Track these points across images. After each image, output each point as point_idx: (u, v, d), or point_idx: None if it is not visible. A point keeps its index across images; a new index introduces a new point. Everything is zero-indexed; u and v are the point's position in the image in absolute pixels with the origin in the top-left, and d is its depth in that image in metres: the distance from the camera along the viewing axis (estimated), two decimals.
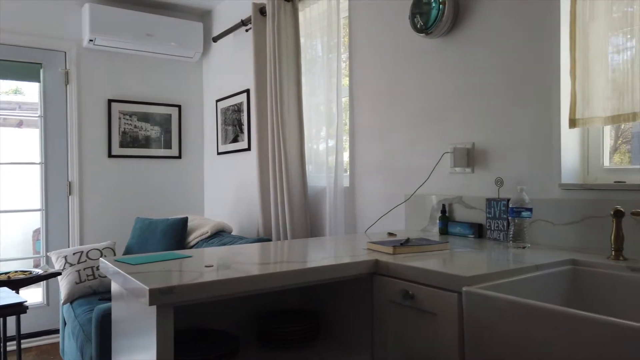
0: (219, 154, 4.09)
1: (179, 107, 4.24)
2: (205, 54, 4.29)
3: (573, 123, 1.68)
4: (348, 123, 2.75)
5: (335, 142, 2.73)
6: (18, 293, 2.74)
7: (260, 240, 2.84)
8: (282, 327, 1.61)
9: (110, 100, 3.91)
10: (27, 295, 3.67)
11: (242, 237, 3.02)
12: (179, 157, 4.25)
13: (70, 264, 3.01)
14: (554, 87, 1.77)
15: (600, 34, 1.62)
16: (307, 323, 1.64)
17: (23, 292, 3.62)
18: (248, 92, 3.66)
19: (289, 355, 1.58)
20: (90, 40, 3.66)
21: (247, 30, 3.61)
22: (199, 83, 4.37)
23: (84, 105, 3.82)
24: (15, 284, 2.74)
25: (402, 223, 2.39)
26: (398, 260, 1.45)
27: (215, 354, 1.43)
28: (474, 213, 2.03)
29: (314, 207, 2.97)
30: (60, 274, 2.98)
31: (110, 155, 3.92)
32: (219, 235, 3.19)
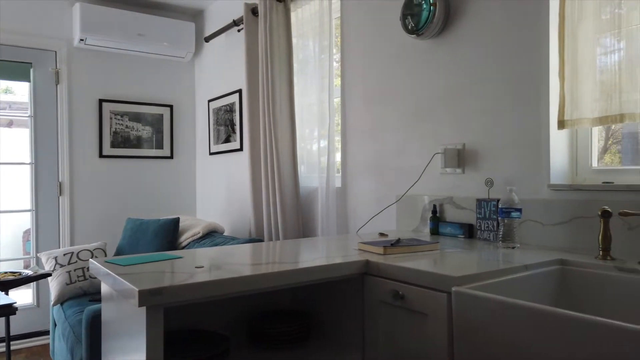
0: (211, 154, 4.08)
1: (171, 107, 4.23)
2: (197, 54, 4.28)
3: (562, 124, 1.70)
4: (340, 123, 2.75)
5: (328, 142, 2.73)
6: (8, 294, 2.72)
7: (252, 241, 2.83)
8: (273, 327, 1.62)
9: (102, 100, 3.89)
10: (17, 297, 3.64)
11: (234, 237, 3.02)
12: (171, 157, 4.24)
13: (61, 265, 2.99)
14: (543, 88, 1.78)
15: (589, 36, 1.64)
16: (298, 323, 1.65)
17: (13, 293, 3.60)
18: (240, 92, 3.66)
19: (281, 356, 1.58)
20: (81, 40, 3.64)
21: (239, 31, 3.61)
22: (191, 83, 4.36)
23: (75, 105, 3.80)
24: (5, 285, 2.73)
25: (393, 223, 2.39)
26: (388, 261, 1.46)
27: (206, 355, 1.42)
28: (465, 213, 2.04)
29: (306, 207, 2.97)
30: (51, 275, 2.96)
31: (102, 156, 3.90)
32: (211, 236, 3.18)
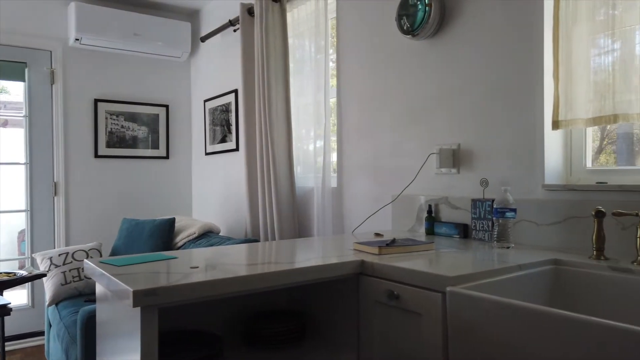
0: (207, 155, 4.07)
1: (167, 107, 4.22)
2: (193, 54, 4.27)
3: (556, 125, 1.71)
4: (336, 124, 2.75)
5: (324, 142, 2.73)
6: (2, 295, 2.71)
7: (248, 241, 2.83)
8: (268, 327, 1.62)
9: (97, 100, 3.88)
10: (11, 297, 3.63)
11: (229, 237, 3.02)
12: (167, 157, 4.23)
13: (56, 266, 2.98)
14: (538, 89, 1.79)
15: (583, 37, 1.65)
16: (293, 323, 1.65)
17: (7, 293, 3.58)
18: (236, 92, 3.65)
19: (276, 356, 1.58)
20: (77, 40, 3.63)
21: (235, 31, 3.60)
22: (187, 83, 4.35)
23: (70, 105, 3.79)
24: None
25: (389, 223, 2.40)
26: (383, 261, 1.46)
27: (200, 355, 1.42)
28: (460, 213, 2.04)
29: (302, 207, 2.97)
30: (45, 276, 2.95)
31: (97, 156, 3.89)
32: (207, 236, 3.18)
